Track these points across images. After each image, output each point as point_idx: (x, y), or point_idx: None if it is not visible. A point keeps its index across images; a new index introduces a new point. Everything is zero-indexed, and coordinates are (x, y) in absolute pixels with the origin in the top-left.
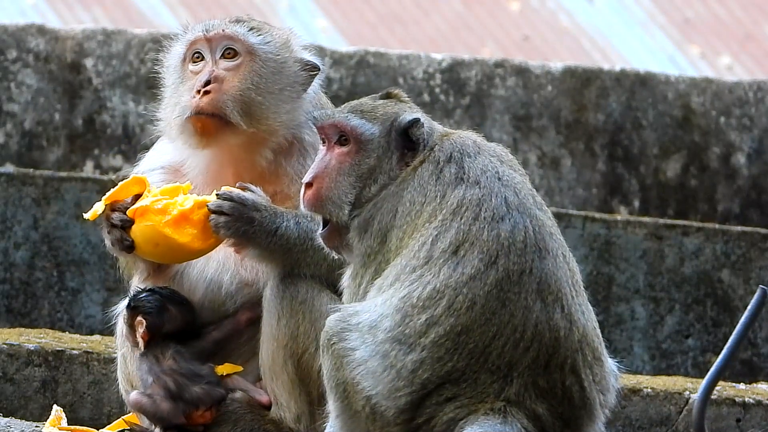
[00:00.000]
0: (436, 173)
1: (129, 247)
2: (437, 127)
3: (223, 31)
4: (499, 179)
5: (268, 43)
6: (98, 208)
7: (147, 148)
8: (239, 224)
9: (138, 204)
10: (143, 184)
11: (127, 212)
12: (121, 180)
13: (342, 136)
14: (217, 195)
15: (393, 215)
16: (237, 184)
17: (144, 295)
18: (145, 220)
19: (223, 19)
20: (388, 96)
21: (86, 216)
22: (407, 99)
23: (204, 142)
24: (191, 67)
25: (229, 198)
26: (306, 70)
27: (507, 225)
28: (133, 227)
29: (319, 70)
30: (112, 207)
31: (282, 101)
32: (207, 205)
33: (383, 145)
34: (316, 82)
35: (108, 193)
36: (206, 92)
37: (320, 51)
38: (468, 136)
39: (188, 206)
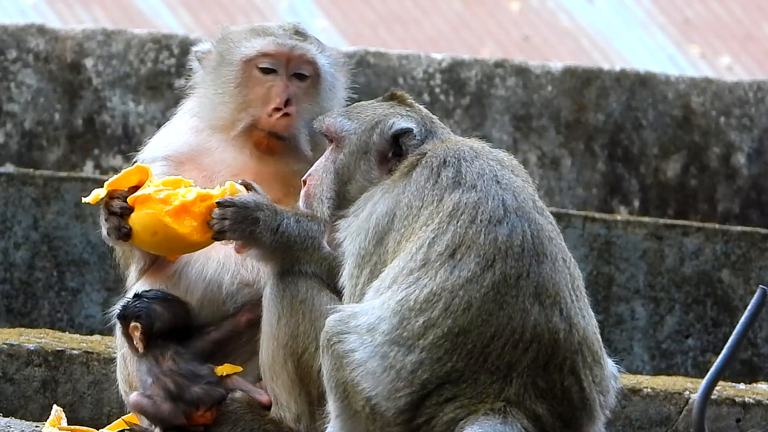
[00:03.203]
0: (433, 178)
1: (126, 235)
2: (439, 132)
3: (305, 54)
4: (498, 183)
5: (330, 64)
6: (100, 192)
7: None
8: (244, 225)
9: (139, 192)
10: (146, 174)
11: (128, 200)
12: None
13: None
14: (218, 203)
15: (390, 219)
16: (239, 181)
17: (130, 303)
18: (146, 207)
19: (288, 29)
20: (392, 97)
21: (86, 199)
22: (410, 101)
23: (260, 156)
24: (259, 75)
25: (231, 204)
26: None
27: (505, 229)
28: (132, 215)
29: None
30: (111, 195)
31: None
32: (210, 220)
33: (358, 143)
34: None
35: (110, 180)
36: (286, 114)
37: None
38: (465, 142)
39: (191, 198)
